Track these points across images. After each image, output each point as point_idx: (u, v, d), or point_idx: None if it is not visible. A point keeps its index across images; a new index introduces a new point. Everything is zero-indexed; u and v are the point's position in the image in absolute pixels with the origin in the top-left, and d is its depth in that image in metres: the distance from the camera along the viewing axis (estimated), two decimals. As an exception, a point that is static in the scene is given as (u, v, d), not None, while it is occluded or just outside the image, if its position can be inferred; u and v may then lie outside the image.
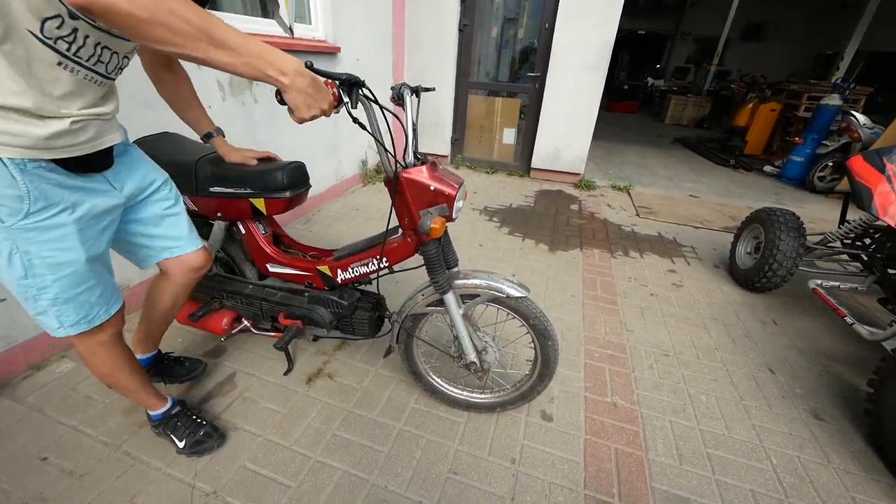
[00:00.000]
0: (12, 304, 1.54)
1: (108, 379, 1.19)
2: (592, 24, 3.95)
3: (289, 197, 1.41)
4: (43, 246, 0.86)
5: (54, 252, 0.88)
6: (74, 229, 0.89)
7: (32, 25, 0.71)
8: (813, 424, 1.64)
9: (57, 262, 0.89)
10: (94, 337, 1.06)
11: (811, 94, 6.13)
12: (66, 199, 0.87)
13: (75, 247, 0.90)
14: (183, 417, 1.37)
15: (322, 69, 0.91)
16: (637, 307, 2.38)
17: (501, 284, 1.29)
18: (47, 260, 0.88)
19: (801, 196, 4.88)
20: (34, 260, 0.87)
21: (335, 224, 3.22)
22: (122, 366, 1.18)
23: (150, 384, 1.32)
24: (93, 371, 1.17)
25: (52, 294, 0.92)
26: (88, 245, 0.93)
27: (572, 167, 4.61)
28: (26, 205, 0.81)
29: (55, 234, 0.87)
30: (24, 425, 1.41)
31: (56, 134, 0.80)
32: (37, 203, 0.82)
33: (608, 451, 1.47)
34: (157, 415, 1.34)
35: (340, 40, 3.39)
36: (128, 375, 1.21)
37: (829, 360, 2.03)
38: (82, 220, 0.91)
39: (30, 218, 0.83)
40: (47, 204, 0.84)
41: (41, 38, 0.73)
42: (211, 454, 1.36)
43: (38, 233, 0.85)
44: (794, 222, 2.37)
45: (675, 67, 14.00)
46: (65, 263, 0.90)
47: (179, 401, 1.41)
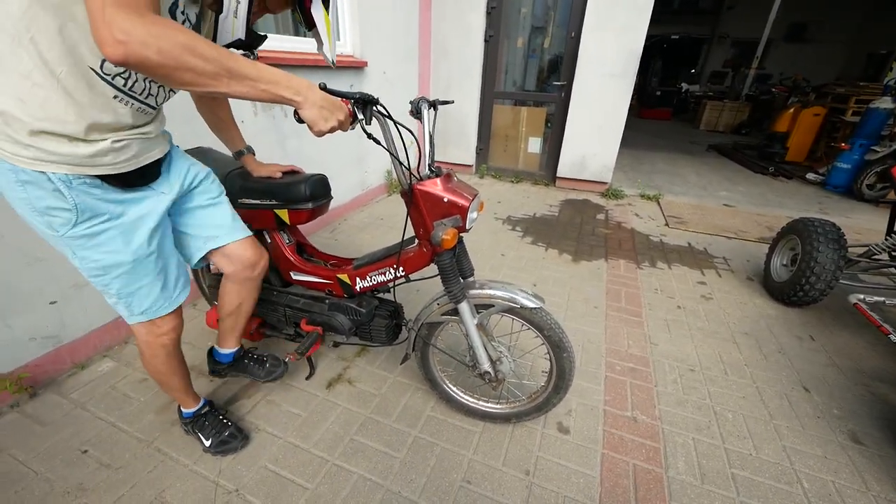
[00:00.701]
0: (62, 307, 1.68)
1: (160, 377, 1.29)
2: (619, 31, 3.91)
3: (311, 208, 1.48)
4: (93, 251, 0.97)
5: (103, 255, 0.98)
6: (118, 233, 0.98)
7: (94, 63, 0.80)
8: (851, 448, 1.54)
9: (108, 263, 0.99)
10: (156, 339, 1.17)
11: (860, 97, 5.81)
12: (109, 210, 0.96)
13: (121, 250, 0.99)
14: (211, 417, 1.45)
15: (335, 89, 0.96)
16: (663, 320, 2.31)
17: (516, 295, 1.30)
18: (99, 262, 0.98)
19: (848, 205, 4.61)
20: (89, 263, 0.98)
21: (360, 233, 3.31)
22: (175, 368, 1.29)
23: (191, 385, 1.41)
24: (150, 369, 1.27)
25: (115, 289, 1.03)
26: (134, 247, 1.01)
27: (599, 176, 4.54)
28: (74, 216, 0.91)
29: (101, 240, 0.96)
30: (68, 420, 1.53)
31: (99, 152, 0.88)
32: (83, 214, 0.92)
33: (626, 467, 1.43)
34: (188, 413, 1.43)
35: (367, 54, 3.51)
36: (178, 377, 1.32)
37: (873, 379, 1.90)
38: (124, 225, 0.99)
39: (77, 227, 0.92)
40: (93, 214, 0.93)
41: (101, 74, 0.81)
42: (235, 454, 1.42)
43: (87, 239, 0.95)
44: (833, 233, 2.25)
45: (711, 72, 13.57)
46: (116, 264, 1.00)
47: (209, 401, 1.49)
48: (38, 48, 0.75)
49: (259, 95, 0.83)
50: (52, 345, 1.69)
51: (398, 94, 4.10)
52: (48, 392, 1.64)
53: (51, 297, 1.65)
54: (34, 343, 1.63)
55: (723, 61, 13.49)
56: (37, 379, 1.65)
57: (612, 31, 3.94)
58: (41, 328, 1.64)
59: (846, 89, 6.22)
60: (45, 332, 1.66)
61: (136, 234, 1.01)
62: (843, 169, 4.93)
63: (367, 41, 3.47)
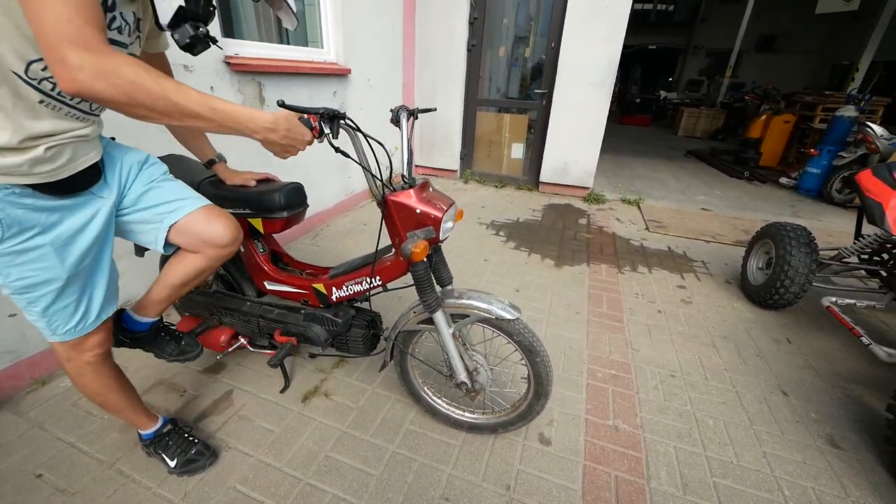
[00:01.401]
0: (22, 319, 1.59)
1: (97, 398, 1.20)
2: (598, 41, 3.97)
3: (286, 217, 1.43)
4: (21, 268, 0.88)
5: (33, 273, 0.90)
6: (51, 250, 0.90)
7: (17, 67, 0.75)
8: (829, 452, 1.55)
9: (38, 281, 0.91)
10: (81, 357, 1.07)
11: (826, 105, 6.02)
12: (41, 221, 0.88)
13: (54, 266, 0.91)
14: (175, 436, 1.37)
15: (298, 105, 0.94)
16: (644, 325, 2.32)
17: (492, 306, 1.27)
18: (28, 280, 0.90)
19: (819, 208, 4.75)
20: (15, 281, 0.89)
21: (343, 239, 3.25)
22: (110, 386, 1.18)
23: (141, 403, 1.32)
24: (81, 391, 1.17)
25: (41, 307, 0.94)
26: (70, 262, 0.93)
27: (581, 181, 4.58)
28: (1, 231, 0.82)
29: (31, 256, 0.88)
30: (23, 441, 1.43)
31: (30, 161, 0.80)
32: (10, 229, 0.83)
33: (608, 479, 1.41)
34: (147, 434, 1.34)
35: (351, 62, 3.48)
36: (116, 395, 1.21)
37: (848, 382, 1.93)
38: (59, 239, 0.91)
39: (4, 244, 0.84)
40: (21, 229, 0.85)
41: (25, 78, 0.76)
42: (203, 473, 1.35)
43: (15, 256, 0.87)
44: (805, 237, 2.29)
45: (687, 80, 13.98)
46: (47, 281, 0.92)
47: (171, 419, 1.41)
48: None
49: (216, 130, 0.85)
50: (9, 360, 1.59)
51: (382, 102, 4.07)
52: (3, 411, 1.54)
53: (10, 309, 1.55)
54: (-11, 359, 1.53)
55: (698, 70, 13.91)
56: (-9, 397, 1.55)
57: (591, 41, 4.00)
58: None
59: (813, 98, 6.46)
60: (3, 347, 1.56)
61: (72, 247, 0.93)
62: (814, 173, 5.09)
63: (350, 48, 3.44)
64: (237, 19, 2.71)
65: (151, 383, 1.71)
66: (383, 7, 3.84)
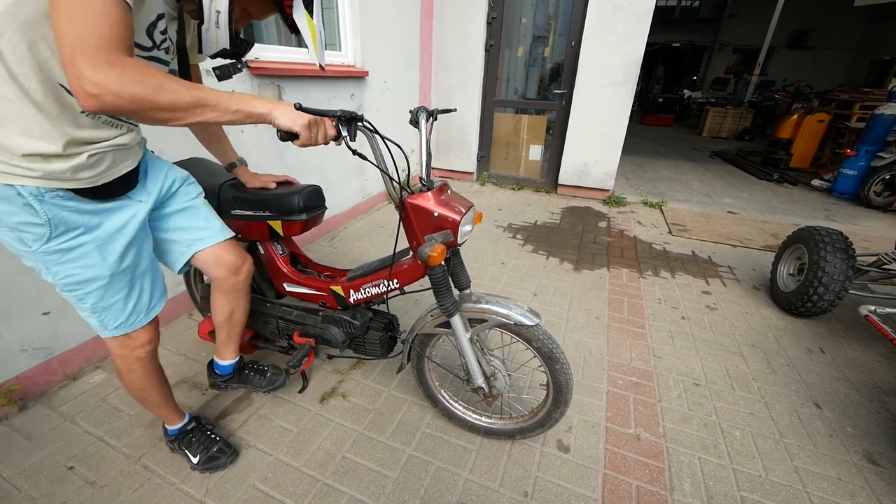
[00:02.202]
0: (55, 317, 1.65)
1: (138, 393, 1.24)
2: (619, 40, 3.90)
3: (305, 219, 1.45)
4: (68, 265, 0.94)
5: (79, 270, 0.95)
6: (94, 247, 0.95)
7: (63, 79, 0.79)
8: (867, 469, 1.48)
9: (84, 278, 0.96)
10: (132, 352, 1.13)
11: (864, 103, 5.76)
12: (84, 222, 0.93)
13: (98, 263, 0.96)
14: (198, 433, 1.40)
15: (315, 108, 0.95)
16: (666, 331, 2.25)
17: (511, 311, 1.25)
18: (74, 277, 0.95)
19: (856, 212, 4.54)
20: (63, 278, 0.95)
21: (360, 241, 3.27)
22: (153, 383, 1.24)
23: (173, 400, 1.37)
24: (126, 385, 1.22)
25: (90, 304, 1.00)
26: (112, 260, 0.99)
27: (601, 183, 4.50)
28: (47, 231, 0.88)
29: (77, 254, 0.94)
30: (56, 434, 1.49)
31: (74, 167, 0.86)
32: (57, 229, 0.89)
33: (628, 489, 1.37)
34: (173, 430, 1.38)
35: (368, 64, 3.50)
36: (157, 391, 1.27)
37: (888, 395, 1.84)
38: (101, 238, 0.96)
39: (51, 242, 0.90)
40: (67, 228, 0.91)
41: (69, 90, 0.80)
42: (224, 470, 1.37)
43: (61, 254, 0.92)
44: (841, 242, 2.19)
45: (713, 78, 13.58)
46: (92, 279, 0.97)
47: (195, 417, 1.45)
48: (7, 63, 0.73)
49: (231, 119, 0.86)
50: (43, 356, 1.65)
51: (399, 103, 4.10)
52: (38, 405, 1.60)
53: (44, 307, 1.62)
54: (25, 354, 1.60)
55: (725, 68, 13.50)
56: (26, 391, 1.61)
57: (612, 40, 3.92)
58: (33, 339, 1.61)
59: (850, 95, 6.18)
60: (37, 344, 1.63)
61: (112, 246, 0.98)
62: (850, 175, 4.87)
63: (368, 51, 3.47)
64: (257, 24, 2.77)
65: (175, 381, 1.76)
66: (400, 8, 3.86)
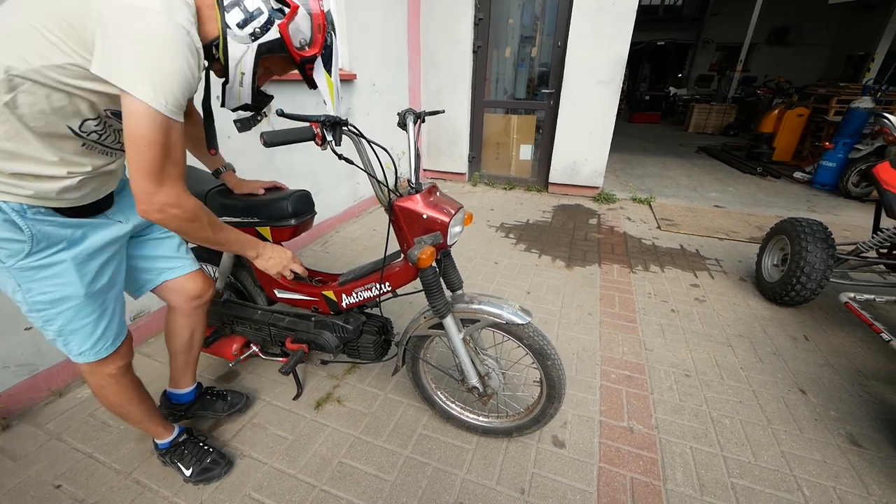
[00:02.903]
0: (37, 333, 1.62)
1: (118, 410, 1.22)
2: (605, 39, 3.95)
3: (294, 225, 1.44)
4: (43, 283, 0.92)
5: (54, 288, 0.94)
6: (72, 265, 0.95)
7: (74, 124, 0.86)
8: (850, 451, 1.52)
9: (57, 297, 0.94)
10: (103, 369, 1.10)
11: (841, 97, 5.89)
12: (67, 236, 0.94)
13: (74, 282, 0.95)
14: (190, 445, 1.39)
15: (299, 114, 0.98)
16: (657, 324, 2.29)
17: (503, 311, 1.27)
18: (48, 295, 0.94)
19: (836, 202, 4.64)
20: (36, 296, 0.93)
21: (352, 245, 3.27)
22: (131, 398, 1.21)
23: (159, 413, 1.35)
24: (103, 403, 1.20)
25: (57, 326, 0.98)
26: (88, 279, 0.98)
27: (590, 181, 4.55)
28: (28, 246, 0.87)
29: (53, 272, 0.93)
30: (42, 452, 1.46)
31: (62, 188, 0.90)
32: (39, 244, 0.89)
33: (623, 481, 1.39)
34: (163, 443, 1.36)
35: (356, 67, 3.51)
36: (136, 406, 1.24)
37: (869, 379, 1.89)
38: (80, 255, 0.96)
39: (30, 258, 0.89)
40: (49, 244, 0.91)
41: (76, 132, 0.87)
42: (218, 482, 1.37)
43: (37, 271, 0.91)
44: (821, 232, 2.25)
45: (698, 75, 13.78)
46: (65, 298, 0.95)
47: (186, 428, 1.43)
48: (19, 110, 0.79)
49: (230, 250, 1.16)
50: (27, 373, 1.63)
51: (389, 106, 4.10)
52: (22, 423, 1.58)
53: (26, 323, 1.59)
54: (7, 372, 1.57)
55: (709, 65, 13.71)
56: (10, 409, 1.58)
57: (597, 40, 3.97)
58: (15, 356, 1.58)
59: (827, 90, 6.32)
60: (20, 360, 1.60)
61: (90, 265, 0.99)
62: (829, 167, 4.98)
63: (355, 53, 3.47)
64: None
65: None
66: (387, 10, 3.86)
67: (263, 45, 0.92)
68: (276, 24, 0.91)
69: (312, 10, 0.94)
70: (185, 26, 0.79)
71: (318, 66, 1.02)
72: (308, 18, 0.94)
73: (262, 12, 0.90)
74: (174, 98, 0.79)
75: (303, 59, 0.98)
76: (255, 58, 0.94)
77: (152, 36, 0.75)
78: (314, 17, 0.94)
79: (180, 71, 0.78)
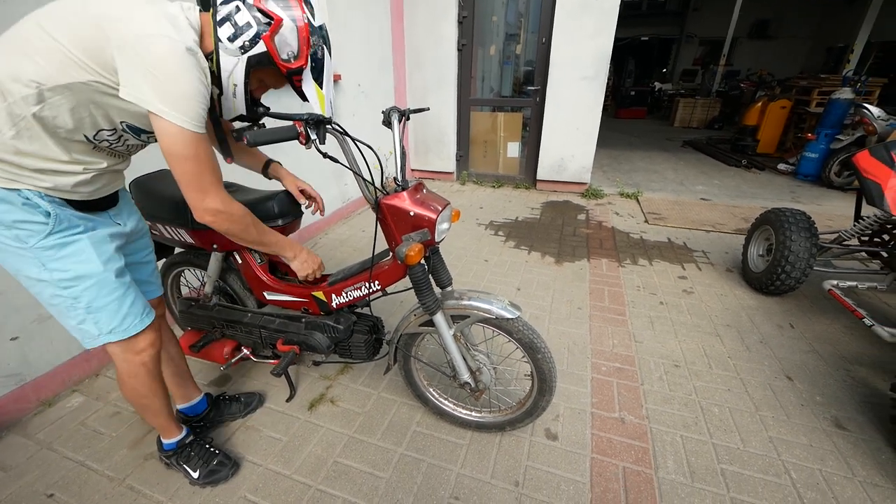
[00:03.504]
0: (24, 343, 1.60)
1: (141, 400, 1.22)
2: (588, 35, 3.98)
3: (281, 225, 1.44)
4: (65, 261, 0.97)
5: (75, 265, 0.98)
6: (89, 244, 1.01)
7: (90, 133, 0.94)
8: (835, 434, 1.55)
9: (80, 273, 0.99)
10: (135, 357, 1.12)
11: (822, 88, 6.00)
12: (83, 224, 1.01)
13: (93, 259, 1.00)
14: (196, 447, 1.38)
15: (283, 112, 1.00)
16: (646, 317, 2.32)
17: (492, 306, 1.28)
18: (70, 272, 0.98)
19: (819, 193, 4.73)
20: (60, 273, 0.97)
21: (341, 246, 3.26)
22: (156, 389, 1.22)
23: (172, 408, 1.35)
24: (128, 393, 1.20)
25: (85, 303, 1.01)
26: (105, 258, 1.03)
27: (578, 177, 4.58)
28: (49, 226, 0.94)
29: (73, 249, 0.98)
30: (33, 462, 1.44)
31: (78, 183, 0.97)
32: (60, 224, 0.96)
33: (615, 470, 1.42)
34: (170, 444, 1.36)
35: (340, 68, 3.49)
36: (160, 399, 1.25)
37: (852, 364, 1.93)
38: (95, 236, 1.03)
39: (50, 237, 0.95)
40: (69, 225, 0.98)
41: (90, 139, 0.95)
42: (224, 483, 1.36)
43: (58, 249, 0.96)
44: (804, 222, 2.29)
45: (682, 70, 13.91)
46: (87, 274, 1.00)
47: (192, 430, 1.43)
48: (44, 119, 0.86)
49: (271, 251, 1.23)
50: (14, 383, 1.60)
51: (375, 106, 4.09)
52: (11, 434, 1.55)
53: (11, 332, 1.57)
54: (-6, 383, 1.55)
55: (692, 59, 13.85)
56: (-1, 420, 1.56)
57: (581, 36, 4.00)
58: (2, 367, 1.56)
59: (808, 82, 6.42)
60: (7, 371, 1.57)
61: (105, 247, 1.04)
62: (812, 158, 5.07)
63: (339, 54, 3.45)
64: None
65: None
66: (370, 9, 3.85)
67: (252, 57, 0.96)
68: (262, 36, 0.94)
69: (298, 23, 0.96)
70: (193, 48, 0.87)
71: (306, 77, 1.03)
72: (294, 31, 0.96)
73: (252, 26, 0.93)
74: (196, 114, 0.89)
75: (289, 71, 1.00)
76: (245, 70, 0.98)
77: (168, 61, 0.83)
78: (300, 29, 0.96)
79: (195, 89, 0.87)
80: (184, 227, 1.47)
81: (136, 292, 1.12)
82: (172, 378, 1.44)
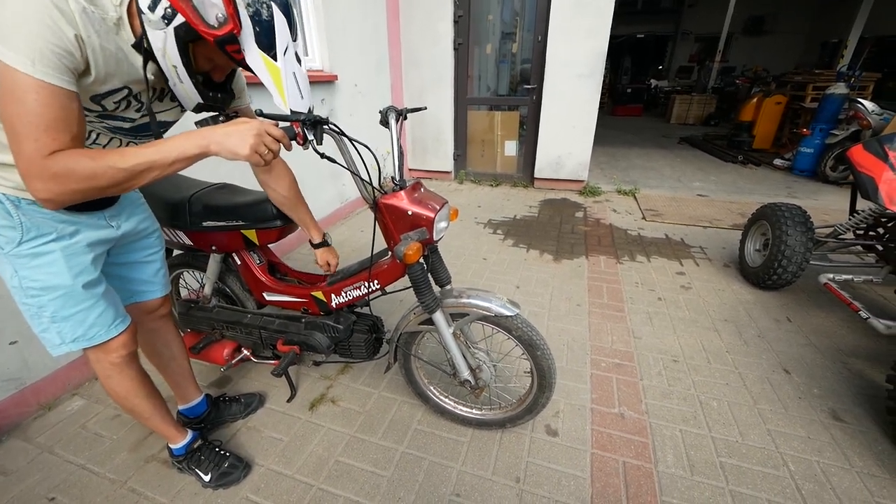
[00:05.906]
0: (23, 347, 1.60)
1: (125, 403, 1.20)
2: (584, 33, 3.99)
3: (280, 226, 1.45)
4: (35, 270, 0.94)
5: (45, 276, 0.95)
6: (61, 256, 0.96)
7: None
8: (832, 426, 1.57)
9: (48, 284, 0.96)
10: (106, 357, 1.10)
11: (816, 84, 6.02)
12: (57, 229, 0.95)
13: (62, 272, 0.96)
14: (206, 450, 1.38)
15: (278, 113, 0.96)
16: (644, 313, 2.33)
17: (491, 304, 1.29)
18: (39, 282, 0.95)
19: (815, 187, 4.75)
20: (29, 282, 0.95)
21: (340, 247, 3.26)
22: (136, 389, 1.19)
23: (170, 414, 1.33)
24: (110, 395, 1.19)
25: (50, 312, 0.99)
26: (77, 271, 0.98)
27: (575, 174, 4.59)
28: (19, 234, 0.90)
29: (44, 261, 0.95)
30: (33, 466, 1.44)
31: None
32: (29, 233, 0.91)
33: (616, 465, 1.42)
34: (179, 448, 1.35)
35: (337, 68, 3.49)
36: (143, 400, 1.22)
37: (849, 356, 1.95)
38: (70, 248, 0.97)
39: (22, 246, 0.92)
40: (38, 234, 0.92)
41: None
42: (236, 486, 1.36)
43: (29, 259, 0.93)
44: (800, 216, 2.31)
45: (678, 67, 13.97)
46: (55, 286, 0.97)
47: (201, 434, 1.43)
48: None
49: (177, 168, 0.86)
50: (14, 388, 1.60)
51: (372, 106, 4.09)
52: (12, 438, 1.55)
53: (10, 336, 1.57)
54: (-6, 387, 1.55)
55: (688, 56, 13.90)
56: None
57: (577, 33, 4.02)
58: (2, 371, 1.56)
59: (803, 77, 6.45)
60: (6, 375, 1.57)
61: (79, 259, 0.99)
62: (807, 153, 5.09)
63: (335, 54, 3.45)
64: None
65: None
66: (366, 9, 3.85)
67: (179, 27, 0.79)
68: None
69: None
70: None
71: (248, 46, 0.83)
72: None
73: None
74: (30, 50, 0.69)
75: (218, 40, 0.79)
76: (177, 45, 0.81)
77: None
78: None
79: (35, 19, 0.68)
80: (182, 229, 1.48)
81: (108, 303, 1.06)
82: (173, 378, 1.44)
